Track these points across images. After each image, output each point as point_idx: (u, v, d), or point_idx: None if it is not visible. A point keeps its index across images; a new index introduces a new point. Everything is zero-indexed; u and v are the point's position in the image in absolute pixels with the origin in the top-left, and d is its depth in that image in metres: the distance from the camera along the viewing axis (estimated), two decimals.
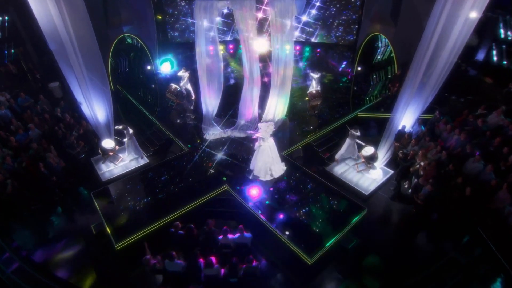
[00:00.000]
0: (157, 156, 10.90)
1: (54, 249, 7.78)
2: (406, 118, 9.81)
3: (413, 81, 8.97)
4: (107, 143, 10.11)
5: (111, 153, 10.30)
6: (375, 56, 15.70)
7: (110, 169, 10.15)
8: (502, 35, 12.81)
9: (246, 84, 10.86)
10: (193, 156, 10.26)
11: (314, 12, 16.90)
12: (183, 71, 13.20)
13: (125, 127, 10.11)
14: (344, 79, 15.00)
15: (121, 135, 10.44)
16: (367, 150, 9.19)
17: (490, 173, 8.09)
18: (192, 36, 11.20)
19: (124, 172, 10.01)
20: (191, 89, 13.50)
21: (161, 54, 16.42)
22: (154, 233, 7.81)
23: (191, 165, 9.90)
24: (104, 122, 10.20)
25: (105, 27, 13.78)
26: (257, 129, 9.33)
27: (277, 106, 11.13)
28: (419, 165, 8.86)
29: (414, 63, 8.72)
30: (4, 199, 8.23)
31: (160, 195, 8.87)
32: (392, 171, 9.55)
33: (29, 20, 13.05)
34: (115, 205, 8.61)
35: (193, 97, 13.57)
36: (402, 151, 9.04)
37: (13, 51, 14.57)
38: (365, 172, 9.52)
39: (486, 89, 12.57)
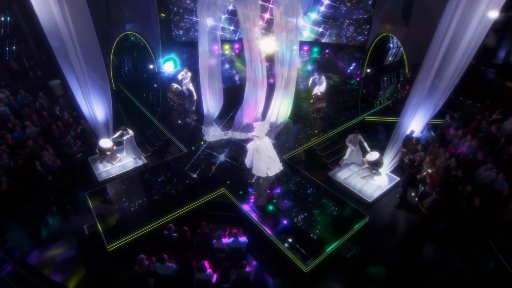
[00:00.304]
0: (155, 156, 11.12)
1: (46, 249, 8.00)
2: (415, 122, 9.78)
3: (423, 83, 8.94)
4: (104, 142, 10.37)
5: (109, 153, 10.55)
6: (385, 57, 15.71)
7: (107, 169, 10.39)
8: None
9: (249, 85, 11.01)
10: (192, 158, 10.44)
11: (323, 11, 17.05)
12: (184, 72, 13.47)
13: (124, 128, 10.36)
14: (353, 81, 15.03)
15: (120, 136, 10.68)
16: (372, 155, 9.20)
17: (503, 182, 8.01)
18: (197, 35, 11.50)
19: (121, 173, 10.22)
20: (193, 89, 13.78)
21: (164, 53, 16.78)
22: (148, 235, 7.96)
23: (188, 166, 10.07)
24: (103, 121, 10.47)
25: (107, 24, 14.18)
26: (253, 128, 9.53)
27: (280, 108, 11.23)
28: (426, 172, 8.83)
29: (424, 64, 8.70)
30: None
31: (155, 196, 9.06)
32: (398, 178, 9.53)
33: (31, 17, 13.56)
34: (109, 205, 8.81)
35: (195, 97, 13.84)
36: (408, 157, 9.02)
37: (14, 47, 15.11)
38: (370, 178, 9.51)
39: (505, 93, 12.41)
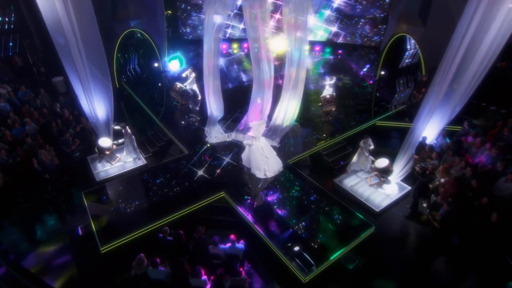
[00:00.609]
0: (156, 157, 11.28)
1: (39, 250, 8.18)
2: (429, 128, 9.64)
3: (439, 87, 8.80)
4: (104, 141, 10.57)
5: (108, 152, 10.76)
6: (402, 59, 15.56)
7: (105, 169, 10.58)
8: None
9: (255, 86, 11.08)
10: (193, 160, 10.56)
11: (336, 9, 17.07)
12: (188, 72, 13.66)
13: (123, 125, 10.56)
14: (365, 84, 14.95)
15: (119, 135, 10.91)
16: (381, 162, 9.10)
17: None
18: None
19: (120, 173, 10.38)
20: (197, 89, 13.96)
21: (170, 51, 17.07)
22: (143, 238, 8.06)
23: (189, 168, 10.19)
24: (104, 120, 10.69)
25: (112, 21, 14.53)
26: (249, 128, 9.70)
27: (287, 111, 11.26)
28: (439, 181, 8.68)
29: (441, 67, 8.56)
30: None
31: (153, 198, 9.18)
32: (409, 187, 9.38)
33: (36, 12, 14.06)
34: (105, 206, 8.97)
35: (199, 97, 14.01)
36: (420, 164, 8.89)
37: (18, 43, 15.65)
38: (378, 186, 9.41)
39: None
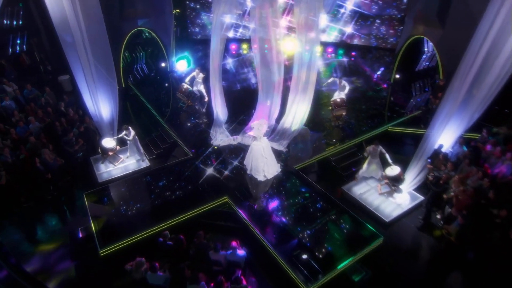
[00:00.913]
0: (159, 159, 11.46)
1: (38, 251, 8.40)
2: (445, 136, 9.51)
3: (457, 92, 8.72)
4: (107, 142, 10.82)
5: (111, 153, 11.01)
6: (418, 62, 15.45)
7: (108, 170, 10.81)
8: None
9: (261, 89, 11.16)
10: (197, 163, 10.71)
11: (351, 9, 17.10)
12: (196, 72, 13.87)
13: (126, 127, 10.79)
14: (379, 88, 14.89)
15: (124, 142, 11.14)
16: (392, 170, 9.05)
17: None
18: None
19: (122, 174, 10.60)
20: (204, 91, 14.14)
21: (177, 51, 17.36)
22: (143, 241, 8.21)
23: (192, 172, 10.34)
24: (108, 120, 10.96)
25: (119, 19, 14.88)
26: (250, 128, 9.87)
27: (296, 114, 11.31)
28: (454, 192, 8.56)
29: (460, 70, 8.48)
30: None
31: (155, 201, 9.35)
32: (422, 197, 9.29)
33: (44, 10, 14.54)
34: (106, 208, 9.19)
35: (205, 99, 14.19)
36: (433, 173, 8.79)
37: (26, 41, 16.17)
38: (389, 195, 9.35)
39: None
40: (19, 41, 16.19)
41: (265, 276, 7.78)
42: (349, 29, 17.66)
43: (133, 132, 10.78)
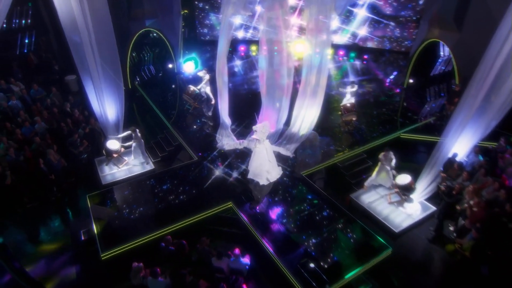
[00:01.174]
0: (164, 162, 11.62)
1: (39, 252, 8.63)
2: (460, 144, 9.44)
3: (473, 98, 8.66)
4: (112, 143, 11.02)
5: (116, 155, 11.22)
6: (434, 66, 15.36)
7: (112, 172, 11.02)
8: None
9: (266, 92, 11.24)
10: (202, 166, 10.84)
11: (364, 10, 17.12)
12: (203, 73, 14.04)
13: (133, 129, 10.98)
14: (391, 93, 14.84)
15: (128, 139, 11.34)
16: (402, 179, 9.01)
17: None
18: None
19: (126, 177, 10.80)
20: (211, 93, 14.30)
21: (185, 52, 17.60)
22: (145, 246, 8.33)
23: (197, 176, 10.47)
24: (114, 121, 11.17)
25: (127, 19, 15.18)
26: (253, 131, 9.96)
27: (304, 119, 11.35)
28: (467, 203, 8.48)
29: (477, 76, 8.41)
30: (2, 191, 9.39)
31: (158, 205, 9.50)
32: (434, 208, 9.23)
33: (53, 9, 14.94)
34: (109, 211, 9.35)
35: (212, 101, 14.35)
36: (445, 183, 8.72)
37: (33, 39, 16.62)
38: (399, 205, 9.31)
39: None
40: (27, 41, 16.64)
41: (268, 285, 7.83)
42: (362, 31, 17.66)
43: (139, 134, 10.96)
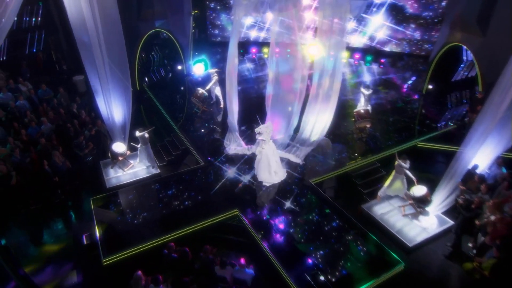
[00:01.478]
0: (170, 166, 11.79)
1: (40, 254, 8.85)
2: (481, 155, 9.27)
3: (497, 106, 8.51)
4: (118, 146, 11.23)
5: (121, 158, 11.42)
6: (456, 71, 15.17)
7: (117, 175, 11.23)
8: None
9: (269, 97, 11.29)
10: (208, 172, 10.95)
11: (382, 13, 17.06)
12: (213, 71, 14.20)
13: (141, 130, 11.17)
14: (409, 99, 14.72)
15: (136, 141, 11.56)
16: (417, 190, 8.90)
17: None
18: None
19: (131, 180, 10.99)
20: (220, 96, 14.43)
21: (195, 54, 17.85)
22: (148, 252, 8.45)
23: (203, 181, 10.60)
24: (120, 123, 11.37)
25: (136, 20, 15.51)
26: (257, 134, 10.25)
27: (315, 125, 11.35)
28: (487, 218, 8.30)
29: (501, 82, 8.26)
30: (7, 192, 9.68)
31: (163, 210, 9.64)
32: (452, 222, 9.07)
33: (63, 8, 15.41)
34: (112, 215, 9.55)
35: (221, 105, 14.48)
36: (463, 196, 8.57)
37: (42, 39, 17.15)
38: (413, 217, 9.19)
39: None
40: (36, 40, 17.18)
41: None
42: (380, 34, 17.57)
43: (147, 135, 11.17)
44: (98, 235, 8.80)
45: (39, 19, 17.04)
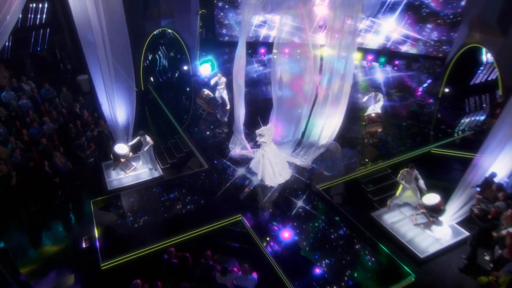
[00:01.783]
0: (173, 169, 11.89)
1: (38, 257, 8.98)
2: (500, 162, 9.14)
3: None
4: (120, 148, 11.37)
5: (123, 160, 11.57)
6: (475, 75, 14.99)
7: (119, 178, 11.38)
8: None
9: (275, 98, 11.33)
10: (212, 176, 11.02)
11: (398, 12, 16.98)
12: (218, 77, 14.31)
13: (142, 133, 11.32)
14: (423, 103, 14.62)
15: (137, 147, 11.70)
16: (430, 199, 8.80)
17: None
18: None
19: (133, 183, 11.12)
20: (226, 97, 14.53)
21: (202, 54, 18.02)
22: (147, 257, 8.52)
23: (206, 185, 10.68)
24: (123, 124, 11.55)
25: (142, 19, 15.74)
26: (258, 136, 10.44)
27: (324, 128, 11.34)
28: (506, 230, 8.16)
29: None
30: (7, 192, 9.88)
31: (164, 214, 9.73)
32: (467, 233, 8.94)
33: (69, 7, 15.75)
34: (113, 218, 9.68)
35: (227, 107, 14.60)
36: (479, 205, 8.45)
37: (47, 37, 17.50)
38: (426, 227, 9.09)
39: None
40: (41, 38, 17.55)
41: None
42: (394, 35, 17.48)
43: (150, 141, 11.27)
44: (97, 238, 8.91)
45: (44, 17, 17.41)
